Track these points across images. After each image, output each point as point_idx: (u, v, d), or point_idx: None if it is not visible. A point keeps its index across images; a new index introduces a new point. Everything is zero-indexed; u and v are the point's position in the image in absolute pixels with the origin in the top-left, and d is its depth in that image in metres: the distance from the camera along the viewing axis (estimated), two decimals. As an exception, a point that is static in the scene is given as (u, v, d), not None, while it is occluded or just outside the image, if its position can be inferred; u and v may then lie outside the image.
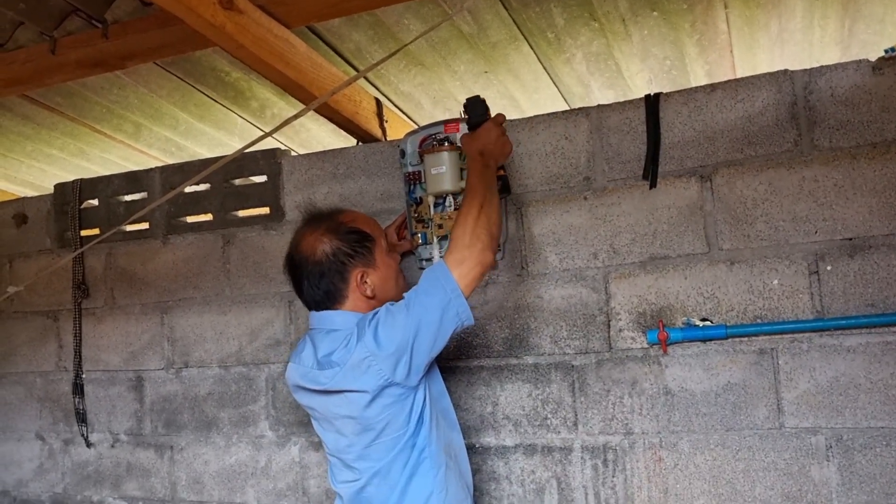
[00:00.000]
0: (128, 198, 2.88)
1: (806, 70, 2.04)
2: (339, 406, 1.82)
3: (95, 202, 2.92)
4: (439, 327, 1.74)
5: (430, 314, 1.73)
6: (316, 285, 1.91)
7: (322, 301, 1.93)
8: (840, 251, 1.99)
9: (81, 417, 2.87)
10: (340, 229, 1.94)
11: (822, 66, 2.03)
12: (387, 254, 2.00)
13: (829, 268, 2.00)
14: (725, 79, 2.21)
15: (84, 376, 2.89)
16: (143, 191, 2.84)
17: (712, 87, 2.13)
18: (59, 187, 2.98)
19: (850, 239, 1.98)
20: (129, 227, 2.83)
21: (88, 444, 2.88)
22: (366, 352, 1.73)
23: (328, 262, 1.90)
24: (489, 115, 2.01)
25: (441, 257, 2.01)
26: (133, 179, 2.86)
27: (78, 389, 2.88)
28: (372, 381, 1.74)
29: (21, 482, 3.02)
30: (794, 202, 2.03)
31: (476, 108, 2.03)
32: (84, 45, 2.33)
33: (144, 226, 2.83)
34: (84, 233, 2.91)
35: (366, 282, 1.92)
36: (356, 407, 1.78)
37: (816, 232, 2.01)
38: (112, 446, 2.84)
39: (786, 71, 2.06)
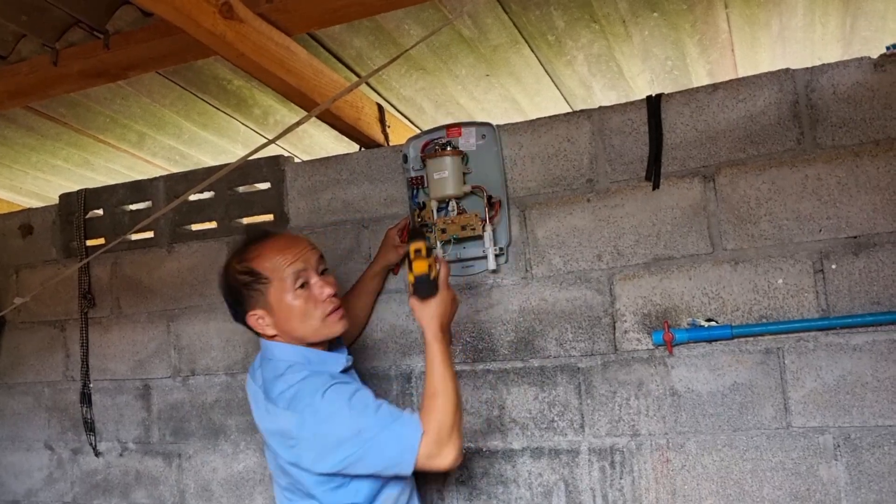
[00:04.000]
0: (132, 207, 2.89)
1: (807, 68, 2.04)
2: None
3: (100, 212, 2.93)
4: (374, 470, 1.71)
5: (379, 461, 1.68)
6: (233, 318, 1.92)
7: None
8: (845, 249, 1.98)
9: (89, 426, 2.88)
10: (234, 269, 1.86)
11: (823, 64, 2.02)
12: (292, 291, 1.80)
13: (833, 266, 1.99)
14: (727, 78, 2.20)
15: (91, 385, 2.90)
16: (148, 200, 2.85)
17: (714, 87, 2.12)
18: (64, 197, 3.00)
19: (855, 237, 1.97)
20: (135, 236, 2.84)
21: (97, 453, 2.88)
22: (290, 428, 1.72)
23: (228, 300, 1.89)
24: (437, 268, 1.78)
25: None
26: (137, 189, 2.87)
27: (85, 399, 2.89)
28: (287, 453, 1.76)
29: (31, 492, 3.03)
30: (797, 201, 2.03)
31: (424, 285, 1.74)
32: (86, 56, 2.34)
33: (149, 234, 2.84)
34: (89, 242, 2.92)
35: (262, 322, 1.84)
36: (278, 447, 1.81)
37: (821, 230, 2.00)
38: (120, 455, 2.85)
39: (787, 69, 2.05)
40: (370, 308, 2.42)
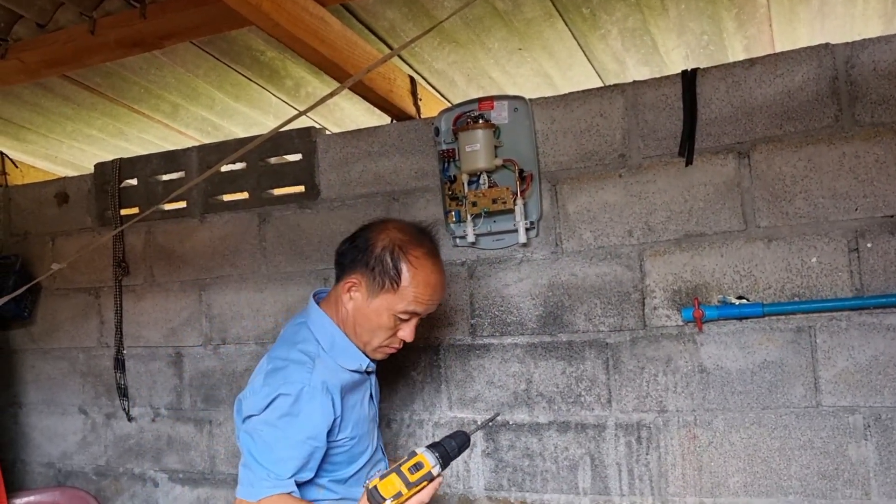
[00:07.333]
0: (166, 177, 2.92)
1: (848, 44, 2.00)
2: None
3: (134, 181, 2.96)
4: None
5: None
6: (342, 252, 1.84)
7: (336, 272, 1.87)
8: (881, 228, 1.96)
9: (123, 392, 2.94)
10: (395, 249, 1.75)
11: (864, 40, 1.99)
12: (393, 314, 1.76)
13: (869, 245, 1.97)
14: (764, 54, 2.17)
15: (125, 352, 2.96)
16: (181, 170, 2.88)
17: (751, 62, 2.09)
18: (100, 167, 3.04)
19: (892, 216, 1.95)
20: (168, 206, 2.88)
21: (130, 419, 2.94)
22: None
23: (354, 254, 1.79)
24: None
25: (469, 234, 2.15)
26: (171, 159, 2.90)
27: (119, 365, 2.94)
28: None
29: (65, 454, 3.11)
30: (833, 179, 2.00)
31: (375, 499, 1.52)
32: (123, 25, 2.36)
33: (182, 204, 2.87)
34: (124, 212, 2.96)
35: (352, 290, 1.78)
36: None
37: (857, 209, 1.98)
38: (153, 420, 2.91)
39: (827, 45, 2.02)
40: None
